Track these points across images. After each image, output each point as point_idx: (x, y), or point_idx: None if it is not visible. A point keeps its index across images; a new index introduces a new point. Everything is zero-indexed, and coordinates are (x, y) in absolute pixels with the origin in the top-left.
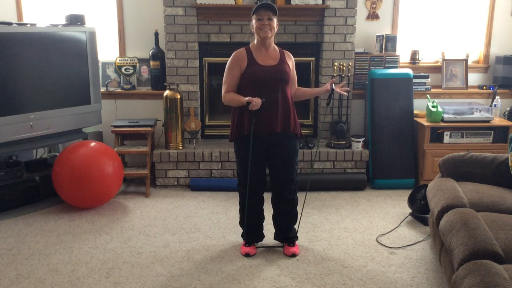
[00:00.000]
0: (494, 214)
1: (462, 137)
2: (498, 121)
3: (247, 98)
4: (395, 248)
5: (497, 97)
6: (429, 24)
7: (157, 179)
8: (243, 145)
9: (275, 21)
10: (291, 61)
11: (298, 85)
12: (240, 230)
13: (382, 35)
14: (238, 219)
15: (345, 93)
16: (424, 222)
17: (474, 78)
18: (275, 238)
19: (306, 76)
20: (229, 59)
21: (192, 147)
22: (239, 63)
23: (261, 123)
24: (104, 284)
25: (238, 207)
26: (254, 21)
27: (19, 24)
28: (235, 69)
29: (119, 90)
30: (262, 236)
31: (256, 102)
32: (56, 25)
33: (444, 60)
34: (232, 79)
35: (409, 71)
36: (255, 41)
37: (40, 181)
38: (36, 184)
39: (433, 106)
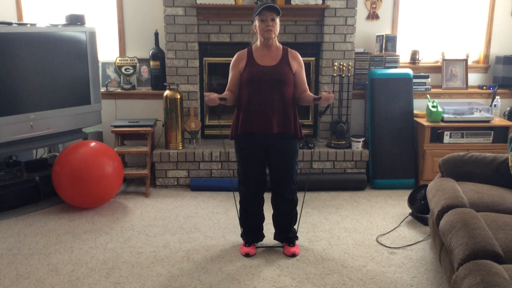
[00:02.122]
0: (494, 214)
1: (462, 137)
2: (498, 121)
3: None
4: (395, 248)
5: (497, 97)
6: (429, 24)
7: (157, 179)
8: (241, 144)
9: (277, 22)
10: (295, 61)
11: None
12: (240, 230)
13: (382, 35)
14: (238, 219)
15: (329, 99)
16: (424, 222)
17: (474, 78)
18: (275, 238)
19: (306, 76)
20: (232, 59)
21: (192, 147)
22: (238, 63)
23: (255, 123)
24: (104, 284)
25: (238, 206)
26: (257, 22)
27: (19, 24)
28: (235, 69)
29: (119, 90)
30: (262, 236)
31: (208, 96)
32: (56, 25)
33: (444, 60)
34: (231, 79)
35: (409, 71)
36: (258, 42)
37: (40, 181)
38: (36, 184)
39: (433, 106)
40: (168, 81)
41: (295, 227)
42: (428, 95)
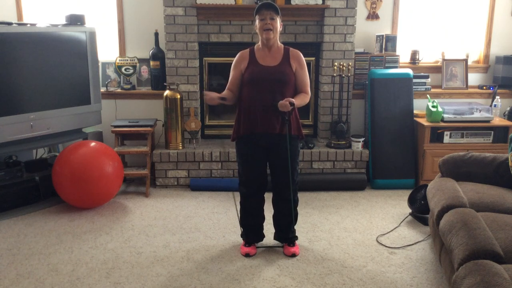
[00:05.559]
0: (494, 214)
1: (462, 137)
2: (498, 121)
3: (207, 92)
4: (395, 248)
5: (497, 97)
6: (429, 24)
7: (157, 179)
8: (242, 145)
9: (278, 21)
10: (296, 61)
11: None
12: (240, 230)
13: (382, 35)
14: (238, 219)
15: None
16: (424, 222)
17: (474, 78)
18: (275, 238)
19: None
20: (234, 59)
21: (192, 147)
22: (240, 63)
23: (258, 123)
24: (104, 284)
25: (238, 207)
26: (257, 22)
27: (19, 24)
28: (236, 68)
29: (119, 90)
30: (262, 236)
31: (209, 95)
32: (56, 25)
33: (444, 60)
34: (232, 78)
35: (409, 71)
36: (259, 42)
37: (40, 181)
38: (36, 184)
39: (433, 106)
40: (168, 81)
41: (295, 227)
42: (428, 95)
